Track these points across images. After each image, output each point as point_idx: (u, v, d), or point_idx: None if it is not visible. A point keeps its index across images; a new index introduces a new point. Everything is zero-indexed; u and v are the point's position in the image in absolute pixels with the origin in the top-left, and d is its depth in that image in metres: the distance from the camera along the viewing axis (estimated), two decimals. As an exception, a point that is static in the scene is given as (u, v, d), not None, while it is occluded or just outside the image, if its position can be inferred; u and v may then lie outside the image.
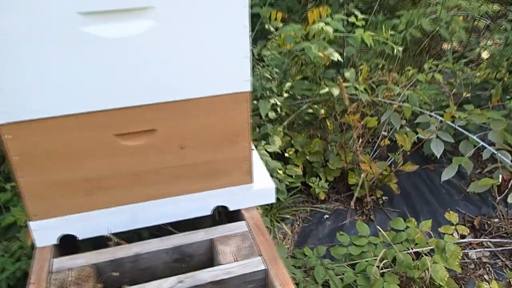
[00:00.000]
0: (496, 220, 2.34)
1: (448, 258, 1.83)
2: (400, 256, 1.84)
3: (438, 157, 2.28)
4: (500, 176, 2.08)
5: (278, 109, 2.43)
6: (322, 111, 2.51)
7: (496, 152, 2.10)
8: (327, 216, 2.36)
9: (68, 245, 1.43)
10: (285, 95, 2.53)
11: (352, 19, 2.20)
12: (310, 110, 2.59)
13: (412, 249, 1.97)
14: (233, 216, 1.57)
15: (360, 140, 2.40)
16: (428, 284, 1.81)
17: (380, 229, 2.00)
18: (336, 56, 2.40)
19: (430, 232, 2.01)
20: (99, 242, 1.45)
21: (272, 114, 2.17)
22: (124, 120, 1.28)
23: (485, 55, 3.60)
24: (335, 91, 2.34)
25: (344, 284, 1.81)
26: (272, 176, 2.23)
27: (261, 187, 1.54)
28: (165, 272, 1.41)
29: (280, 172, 2.34)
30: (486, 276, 2.04)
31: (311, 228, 2.30)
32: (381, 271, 1.88)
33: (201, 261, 1.43)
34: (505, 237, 2.23)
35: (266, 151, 2.14)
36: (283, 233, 2.28)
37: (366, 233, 1.98)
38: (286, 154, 2.41)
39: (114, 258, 1.34)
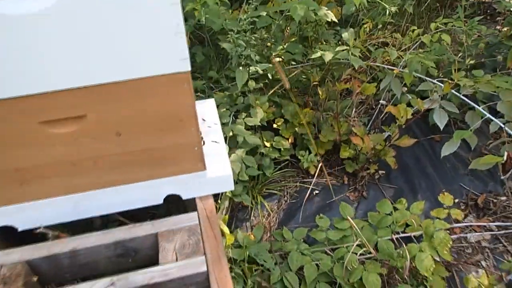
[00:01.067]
0: (504, 198, 2.12)
1: (436, 246, 1.66)
2: (382, 243, 1.67)
3: (442, 128, 2.06)
4: (506, 153, 1.85)
5: (270, 76, 2.24)
6: (316, 77, 2.30)
7: (503, 126, 1.86)
8: (317, 191, 2.20)
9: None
10: (277, 59, 2.33)
11: (342, -26, 1.93)
12: (304, 76, 2.39)
13: (400, 233, 1.80)
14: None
15: (354, 109, 2.18)
16: (410, 273, 1.65)
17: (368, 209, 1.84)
18: (330, 17, 2.16)
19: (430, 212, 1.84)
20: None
21: (252, 84, 1.98)
22: (47, 106, 1.14)
23: (514, 7, 3.21)
24: (328, 56, 2.11)
25: (320, 272, 1.67)
26: (256, 151, 2.08)
27: (216, 174, 1.39)
28: (108, 267, 1.31)
29: (268, 144, 2.18)
30: (483, 263, 1.86)
31: (298, 204, 2.15)
32: (364, 257, 1.74)
33: (148, 255, 1.32)
34: (511, 218, 2.02)
35: (246, 125, 1.97)
36: (270, 209, 2.15)
37: (349, 215, 1.81)
38: (275, 125, 2.24)
39: (49, 254, 1.24)
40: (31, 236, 1.32)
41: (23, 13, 1.01)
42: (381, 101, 2.25)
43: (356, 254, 1.66)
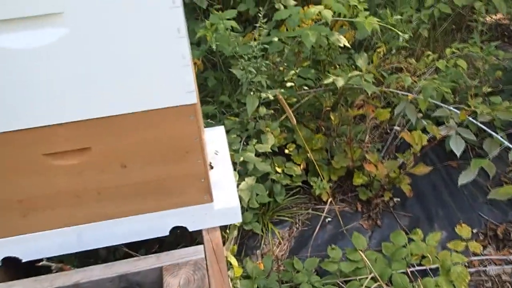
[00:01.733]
0: (525, 229, 2.03)
1: (453, 281, 1.59)
2: (396, 277, 1.61)
3: (459, 155, 2.00)
4: (526, 184, 1.78)
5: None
6: (328, 102, 2.26)
7: (523, 155, 1.79)
8: (329, 219, 2.14)
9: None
10: (289, 84, 2.30)
11: (354, 0, 1.90)
12: (317, 101, 2.35)
13: (415, 265, 1.74)
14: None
15: (368, 136, 2.13)
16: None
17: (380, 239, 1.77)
18: (343, 42, 2.13)
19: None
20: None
21: (263, 110, 1.95)
22: (51, 139, 1.13)
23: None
24: (340, 82, 2.07)
25: (331, 306, 1.61)
26: (267, 178, 2.04)
27: (223, 206, 1.35)
28: (112, 301, 1.28)
29: (279, 170, 2.14)
30: (504, 298, 1.77)
31: (310, 232, 2.10)
32: (378, 290, 1.67)
33: (152, 289, 1.29)
34: (533, 250, 1.93)
35: (256, 151, 1.94)
36: (281, 237, 2.09)
37: (362, 246, 1.75)
38: (287, 151, 2.20)
39: (52, 287, 1.21)
40: (35, 268, 1.30)
41: (26, 47, 1.01)
42: (395, 127, 2.20)
43: (369, 288, 1.59)
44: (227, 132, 1.98)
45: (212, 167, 1.50)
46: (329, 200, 2.09)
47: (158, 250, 1.74)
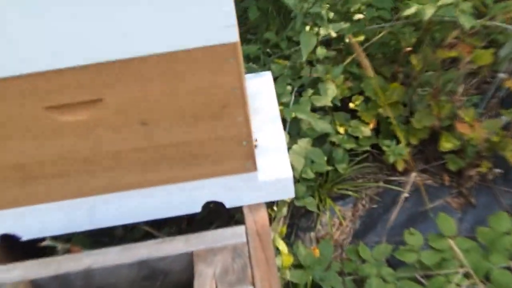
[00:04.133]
0: None
1: None
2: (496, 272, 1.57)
3: None
4: None
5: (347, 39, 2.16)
6: (409, 40, 2.19)
7: None
8: (407, 195, 2.11)
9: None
10: (357, 16, 2.24)
11: None
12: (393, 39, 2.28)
13: (521, 259, 1.69)
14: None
15: (462, 86, 2.06)
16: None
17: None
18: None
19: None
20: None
21: (322, 51, 1.91)
22: (54, 88, 1.14)
23: None
24: (428, 12, 1.98)
25: (408, 307, 1.61)
26: (325, 140, 2.03)
27: (270, 177, 1.35)
28: (131, 291, 1.32)
29: (342, 131, 2.11)
30: None
31: (381, 211, 2.09)
32: (470, 288, 1.65)
33: (180, 279, 1.32)
34: None
35: (313, 105, 1.91)
36: (342, 216, 2.09)
37: (450, 231, 1.72)
38: (352, 105, 2.17)
39: (59, 273, 1.26)
40: (37, 249, 1.35)
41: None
42: (499, 74, 2.11)
43: (460, 286, 1.57)
44: (275, 80, 1.96)
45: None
46: (408, 171, 2.06)
47: (186, 229, 1.78)
